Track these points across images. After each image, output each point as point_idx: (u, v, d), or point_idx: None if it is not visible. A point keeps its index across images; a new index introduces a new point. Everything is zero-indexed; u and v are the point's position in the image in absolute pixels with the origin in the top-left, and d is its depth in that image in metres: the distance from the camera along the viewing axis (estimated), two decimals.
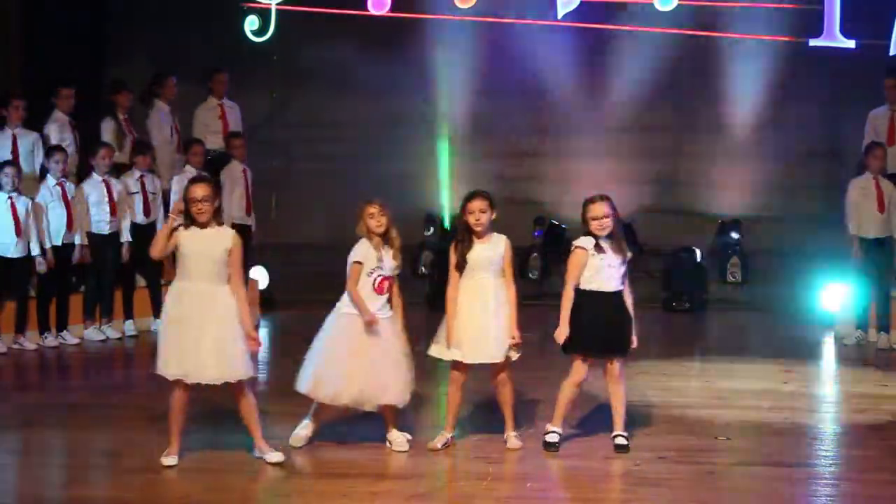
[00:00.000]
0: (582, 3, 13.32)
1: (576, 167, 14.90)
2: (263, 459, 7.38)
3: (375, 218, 7.61)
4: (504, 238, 7.74)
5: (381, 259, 7.61)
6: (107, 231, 11.77)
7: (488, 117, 15.11)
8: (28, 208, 11.17)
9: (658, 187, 14.86)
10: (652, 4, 13.29)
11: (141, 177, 12.11)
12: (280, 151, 15.12)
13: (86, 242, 11.65)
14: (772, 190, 14.93)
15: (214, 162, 12.84)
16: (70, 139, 12.20)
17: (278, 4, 13.64)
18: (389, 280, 7.63)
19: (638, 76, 14.98)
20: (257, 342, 7.46)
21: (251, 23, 13.68)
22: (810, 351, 11.74)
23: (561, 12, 13.34)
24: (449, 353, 7.67)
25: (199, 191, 7.29)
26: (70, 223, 11.50)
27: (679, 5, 13.22)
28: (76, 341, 11.57)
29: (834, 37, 12.91)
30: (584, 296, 7.65)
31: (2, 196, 11.06)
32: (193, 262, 7.25)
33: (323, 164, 15.17)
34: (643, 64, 14.86)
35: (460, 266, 7.67)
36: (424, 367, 8.04)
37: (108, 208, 11.74)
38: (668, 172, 15.20)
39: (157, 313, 12.24)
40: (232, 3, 13.76)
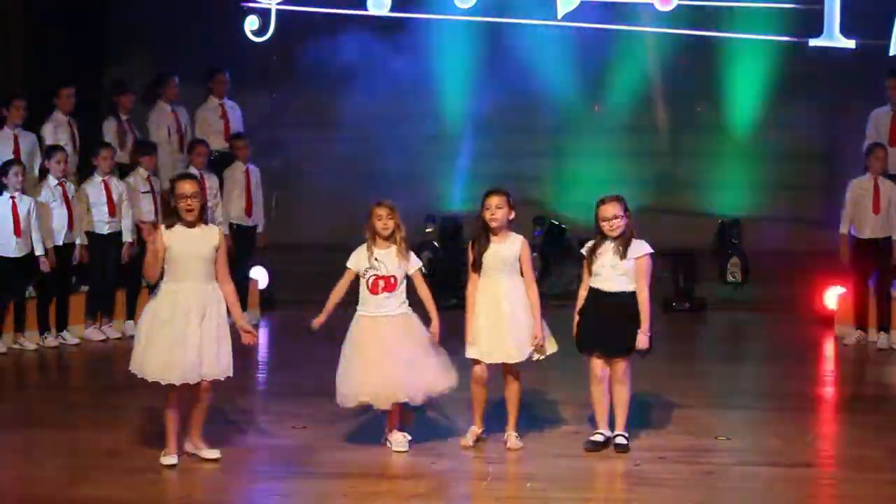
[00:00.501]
0: (582, 3, 13.32)
1: (576, 167, 14.88)
2: (198, 455, 7.39)
3: (383, 220, 7.64)
4: (521, 238, 7.78)
5: (378, 260, 7.62)
6: (107, 231, 11.77)
7: (488, 117, 15.09)
8: (30, 208, 11.16)
9: (658, 187, 14.84)
10: (652, 4, 13.28)
11: (149, 177, 12.15)
12: (280, 151, 15.12)
13: (86, 242, 11.65)
14: (772, 190, 14.91)
15: (217, 162, 12.84)
16: (67, 139, 12.18)
17: (278, 4, 13.63)
18: (387, 279, 7.62)
19: (638, 76, 14.97)
20: (253, 335, 7.47)
21: (251, 23, 13.65)
22: (810, 351, 11.74)
23: (561, 12, 13.33)
24: (467, 351, 7.72)
25: (188, 187, 7.31)
26: (70, 223, 11.50)
27: (679, 5, 13.21)
28: (76, 341, 11.56)
29: (834, 37, 12.91)
30: (589, 294, 7.73)
31: (4, 196, 11.06)
32: (183, 263, 7.25)
33: (323, 164, 15.15)
34: (643, 64, 14.85)
35: (476, 265, 7.71)
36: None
37: (108, 209, 11.73)
38: (668, 172, 15.19)
39: None
40: (232, 3, 13.75)
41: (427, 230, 14.65)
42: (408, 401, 7.64)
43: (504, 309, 7.66)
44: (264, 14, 13.66)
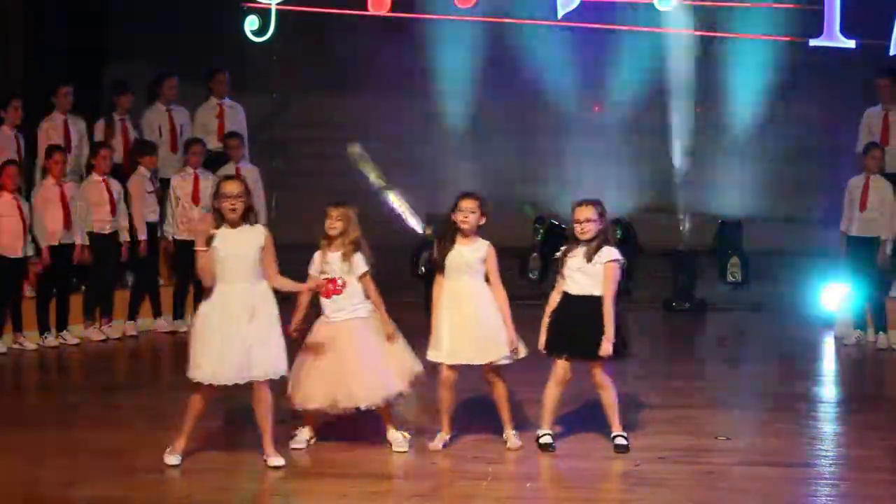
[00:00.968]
0: (582, 3, 13.32)
1: (576, 167, 14.87)
2: (265, 462, 7.38)
3: (331, 221, 7.72)
4: (487, 244, 7.73)
5: (328, 262, 7.67)
6: (106, 231, 11.77)
7: (488, 117, 15.09)
8: (26, 208, 11.17)
9: (658, 187, 14.84)
10: (652, 4, 13.28)
11: (151, 176, 12.15)
12: (280, 151, 15.12)
13: (86, 242, 11.65)
14: (772, 190, 14.90)
15: (211, 162, 12.82)
16: (61, 138, 12.16)
17: (278, 4, 13.64)
18: (333, 282, 7.59)
19: (638, 76, 14.96)
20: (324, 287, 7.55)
21: (251, 23, 13.66)
22: (810, 351, 11.75)
23: (561, 12, 13.34)
24: (428, 354, 7.72)
25: (232, 187, 7.35)
26: (68, 223, 11.49)
27: (679, 5, 13.21)
28: (76, 341, 11.56)
29: (834, 37, 12.92)
30: (561, 297, 7.74)
31: (6, 195, 11.07)
32: (232, 265, 7.27)
33: (323, 164, 15.15)
34: (643, 64, 14.85)
35: (439, 266, 7.71)
36: (426, 367, 8.02)
37: (108, 208, 11.74)
38: (668, 172, 15.18)
39: (158, 313, 12.27)
40: (232, 3, 13.75)
41: (427, 230, 14.65)
42: (364, 406, 7.61)
43: (467, 311, 7.64)
44: (264, 14, 13.67)
